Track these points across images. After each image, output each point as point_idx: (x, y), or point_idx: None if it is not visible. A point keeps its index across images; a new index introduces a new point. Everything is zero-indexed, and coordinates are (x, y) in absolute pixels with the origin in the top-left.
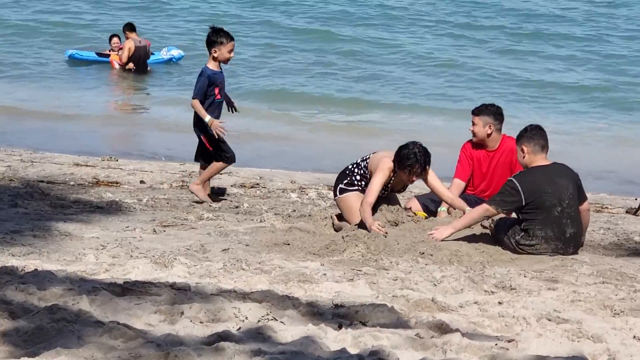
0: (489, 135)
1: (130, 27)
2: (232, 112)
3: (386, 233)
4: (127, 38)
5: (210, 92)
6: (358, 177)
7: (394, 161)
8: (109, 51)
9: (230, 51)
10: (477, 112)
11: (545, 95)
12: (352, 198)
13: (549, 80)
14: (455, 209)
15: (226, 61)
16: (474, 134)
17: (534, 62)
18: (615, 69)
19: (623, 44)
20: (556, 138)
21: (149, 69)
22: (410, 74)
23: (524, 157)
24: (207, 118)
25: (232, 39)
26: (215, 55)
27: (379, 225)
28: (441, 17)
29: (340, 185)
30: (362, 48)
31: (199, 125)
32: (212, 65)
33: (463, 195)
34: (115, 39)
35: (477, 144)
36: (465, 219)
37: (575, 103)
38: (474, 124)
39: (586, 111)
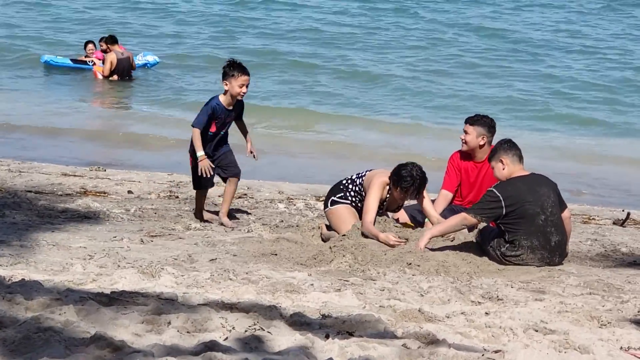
0: (481, 146)
1: (112, 40)
2: (255, 159)
3: (406, 240)
4: (109, 51)
5: (209, 123)
6: (352, 194)
7: (390, 178)
8: (85, 57)
9: (242, 86)
10: (472, 121)
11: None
12: (343, 209)
13: (505, 94)
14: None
15: (237, 95)
16: (466, 143)
17: (492, 78)
18: (562, 84)
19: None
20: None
21: (133, 77)
22: (387, 91)
23: (503, 169)
24: (200, 153)
25: (246, 73)
26: (227, 88)
27: (393, 236)
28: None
29: (333, 198)
30: (333, 65)
31: (191, 149)
32: (223, 98)
33: (450, 207)
34: (90, 45)
35: (466, 154)
36: (443, 225)
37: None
38: (466, 132)
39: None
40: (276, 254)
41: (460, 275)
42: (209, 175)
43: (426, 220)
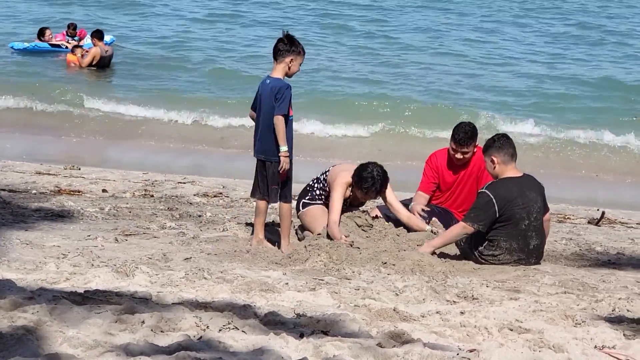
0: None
1: (99, 36)
2: None
3: (352, 243)
4: (94, 45)
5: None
6: (318, 192)
7: (352, 177)
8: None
9: (300, 65)
10: (470, 141)
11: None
12: (316, 210)
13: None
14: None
15: (292, 75)
16: (463, 158)
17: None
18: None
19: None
20: None
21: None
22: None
23: (494, 167)
24: (284, 148)
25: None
26: (291, 64)
27: (345, 238)
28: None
29: (303, 200)
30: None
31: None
32: (281, 77)
33: (428, 205)
34: (48, 32)
35: (447, 157)
36: (443, 237)
37: None
38: (465, 152)
39: None
40: (251, 253)
41: (436, 274)
42: (286, 176)
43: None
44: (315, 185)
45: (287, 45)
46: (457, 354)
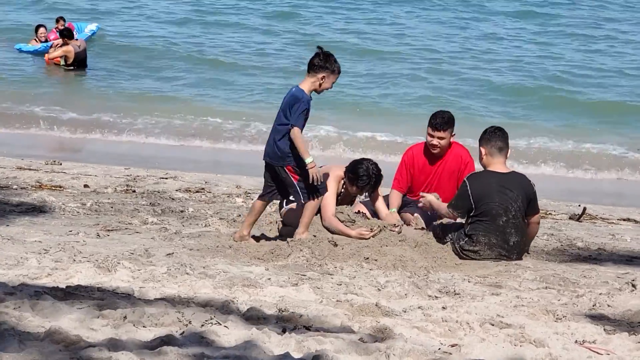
0: (450, 145)
1: (69, 35)
2: None
3: (380, 229)
4: (66, 44)
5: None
6: None
7: (346, 173)
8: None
9: (333, 83)
10: (446, 126)
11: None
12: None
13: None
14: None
15: (321, 92)
16: (440, 148)
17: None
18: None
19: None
20: None
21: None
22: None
23: (481, 158)
24: (309, 159)
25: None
26: (322, 81)
27: (365, 230)
28: None
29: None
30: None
31: (294, 154)
32: (307, 89)
33: (407, 199)
34: (42, 29)
35: (424, 151)
36: (439, 205)
37: None
38: (441, 138)
39: None
40: (233, 248)
41: (418, 269)
42: (321, 181)
43: (390, 210)
44: None
45: (322, 62)
46: (439, 349)
